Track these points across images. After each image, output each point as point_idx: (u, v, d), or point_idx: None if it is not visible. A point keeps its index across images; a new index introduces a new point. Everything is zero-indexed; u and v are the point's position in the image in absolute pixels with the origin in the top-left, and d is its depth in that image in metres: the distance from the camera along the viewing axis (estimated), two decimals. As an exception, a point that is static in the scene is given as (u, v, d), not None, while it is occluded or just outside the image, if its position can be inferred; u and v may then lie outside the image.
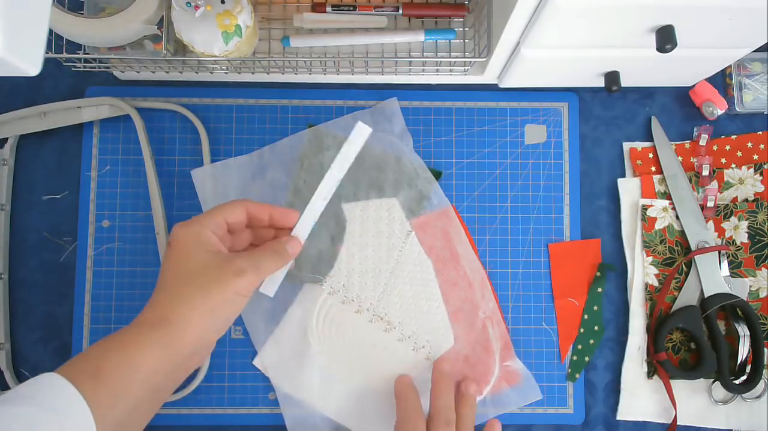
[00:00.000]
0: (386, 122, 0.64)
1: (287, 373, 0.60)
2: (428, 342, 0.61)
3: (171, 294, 0.45)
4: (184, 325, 0.43)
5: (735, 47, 0.53)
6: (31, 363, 0.62)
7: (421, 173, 0.63)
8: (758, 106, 0.64)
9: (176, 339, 0.43)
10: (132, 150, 0.63)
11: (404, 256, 0.62)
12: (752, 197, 0.63)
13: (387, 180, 0.62)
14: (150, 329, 0.43)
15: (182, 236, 0.46)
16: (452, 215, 0.63)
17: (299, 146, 0.63)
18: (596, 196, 0.65)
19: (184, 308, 0.44)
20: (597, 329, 0.63)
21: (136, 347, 0.42)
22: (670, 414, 0.61)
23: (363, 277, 0.62)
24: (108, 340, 0.43)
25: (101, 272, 0.62)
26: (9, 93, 0.64)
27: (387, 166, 0.63)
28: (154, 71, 0.61)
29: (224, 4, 0.52)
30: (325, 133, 0.63)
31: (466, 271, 0.62)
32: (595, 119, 0.66)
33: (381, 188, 0.62)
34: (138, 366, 0.41)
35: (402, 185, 0.62)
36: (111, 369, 0.40)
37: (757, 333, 0.60)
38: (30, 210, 0.63)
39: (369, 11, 0.60)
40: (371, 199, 0.62)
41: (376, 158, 0.62)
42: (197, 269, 0.45)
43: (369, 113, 0.64)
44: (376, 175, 0.62)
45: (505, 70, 0.59)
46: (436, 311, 0.61)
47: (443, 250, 0.62)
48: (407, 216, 0.62)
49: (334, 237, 0.62)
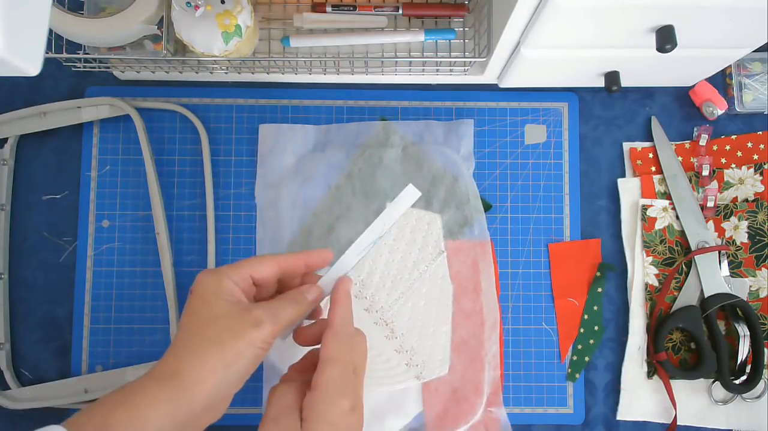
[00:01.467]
0: (455, 140, 0.63)
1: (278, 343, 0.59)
2: (423, 362, 0.60)
3: (184, 346, 0.42)
4: (195, 380, 0.41)
5: (735, 47, 0.53)
6: (31, 363, 0.62)
7: (472, 200, 0.62)
8: (758, 106, 0.64)
9: (186, 396, 0.41)
10: (132, 150, 0.63)
11: (429, 273, 0.61)
12: (752, 197, 0.63)
13: (437, 195, 0.62)
14: (160, 383, 0.41)
15: (203, 283, 0.44)
16: (488, 250, 0.62)
17: (366, 133, 0.63)
18: (596, 196, 0.65)
19: (196, 362, 0.41)
20: (597, 329, 0.63)
21: (144, 402, 0.40)
22: (670, 414, 0.61)
23: (383, 279, 0.61)
24: (119, 393, 0.41)
25: (101, 272, 0.62)
26: (9, 93, 0.64)
27: (442, 182, 0.62)
28: (154, 71, 0.61)
29: (224, 4, 0.52)
30: (394, 130, 0.63)
31: (483, 307, 0.61)
32: (595, 119, 0.66)
33: (429, 201, 0.62)
34: (144, 424, 0.39)
35: (450, 205, 0.62)
36: (117, 425, 0.38)
37: (757, 333, 0.60)
38: (30, 210, 0.63)
39: (369, 11, 0.60)
40: (417, 207, 0.62)
41: (434, 171, 0.62)
42: (212, 319, 0.43)
43: (442, 125, 0.64)
44: (428, 187, 0.62)
45: (505, 70, 0.59)
46: (441, 336, 0.61)
47: (468, 280, 0.62)
48: (445, 236, 0.62)
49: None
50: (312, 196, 0.62)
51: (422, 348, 0.60)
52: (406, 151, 0.63)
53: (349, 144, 0.63)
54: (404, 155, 0.62)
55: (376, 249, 0.61)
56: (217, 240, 0.62)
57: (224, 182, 0.63)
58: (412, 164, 0.62)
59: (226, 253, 0.63)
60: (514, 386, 0.62)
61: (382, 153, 0.62)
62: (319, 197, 0.62)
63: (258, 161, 0.63)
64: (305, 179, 0.62)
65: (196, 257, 0.63)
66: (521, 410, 0.62)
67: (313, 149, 0.63)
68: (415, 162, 0.62)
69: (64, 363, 0.62)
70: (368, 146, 0.63)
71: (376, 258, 0.61)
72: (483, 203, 0.63)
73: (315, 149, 0.63)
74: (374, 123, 0.64)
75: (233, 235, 0.63)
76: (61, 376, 0.61)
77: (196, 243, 0.63)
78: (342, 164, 0.62)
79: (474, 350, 0.60)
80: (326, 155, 0.63)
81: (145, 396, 0.40)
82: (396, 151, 0.62)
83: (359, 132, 0.63)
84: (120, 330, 0.62)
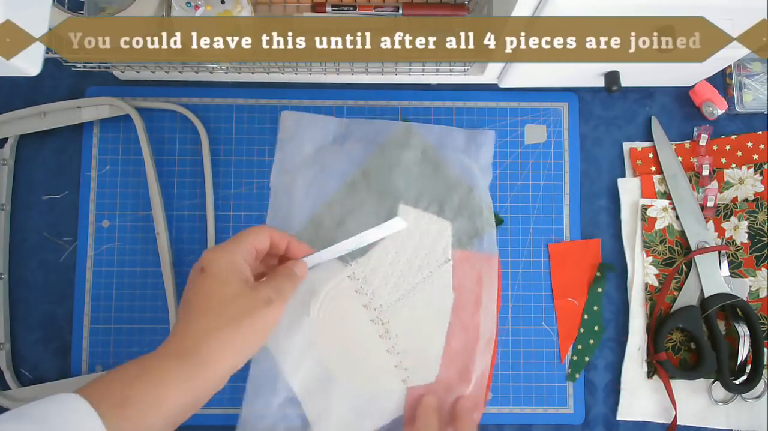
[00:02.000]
0: (475, 149, 0.63)
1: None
2: (412, 367, 0.60)
3: (200, 325, 0.43)
4: (214, 360, 0.42)
5: (735, 47, 0.53)
6: (31, 363, 0.62)
7: (485, 213, 0.62)
8: (758, 106, 0.64)
9: (204, 374, 0.42)
10: (132, 150, 0.63)
11: (432, 279, 0.61)
12: (752, 197, 0.63)
13: (450, 203, 0.62)
14: (178, 361, 0.42)
15: (216, 263, 0.45)
16: (494, 265, 0.62)
17: (387, 132, 0.63)
18: (596, 196, 0.65)
19: (215, 342, 0.43)
20: (597, 329, 0.63)
21: (163, 378, 0.41)
22: (670, 414, 0.61)
23: (386, 278, 0.61)
24: (133, 366, 0.41)
25: (101, 272, 0.62)
26: (9, 93, 0.64)
27: (456, 190, 0.62)
28: (154, 71, 0.61)
29: (224, 4, 0.52)
30: (415, 132, 0.62)
31: (480, 322, 0.60)
32: (595, 119, 0.66)
33: (442, 208, 0.62)
34: (163, 400, 0.40)
35: (462, 215, 0.62)
36: (137, 400, 0.39)
37: (757, 333, 0.60)
38: (30, 210, 0.63)
39: (369, 11, 0.60)
40: (429, 212, 0.62)
41: (450, 178, 0.62)
42: (229, 299, 0.44)
43: (464, 132, 0.63)
44: (443, 193, 0.62)
45: (505, 70, 0.59)
46: (433, 345, 0.60)
47: (469, 293, 0.61)
48: (453, 244, 0.61)
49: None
50: (326, 187, 0.62)
51: (413, 353, 0.60)
52: (425, 154, 0.62)
53: (368, 141, 0.63)
54: (423, 158, 0.62)
55: (384, 248, 0.61)
56: (217, 240, 0.62)
57: (224, 182, 0.63)
58: (430, 168, 0.62)
59: (226, 253, 0.63)
60: (514, 386, 0.62)
61: (401, 154, 0.62)
62: (333, 190, 0.62)
63: (277, 146, 0.63)
64: (321, 169, 0.62)
65: (196, 257, 0.62)
66: (521, 410, 0.62)
67: (332, 141, 0.63)
68: (433, 167, 0.62)
69: (64, 363, 0.62)
70: (388, 144, 0.62)
71: (382, 257, 0.61)
72: (496, 217, 0.63)
73: (335, 142, 0.63)
74: (396, 123, 0.63)
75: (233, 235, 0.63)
76: (61, 376, 0.61)
77: (196, 243, 0.63)
78: (360, 159, 0.62)
79: (464, 364, 0.60)
80: (345, 148, 0.62)
81: (163, 371, 0.41)
82: (415, 153, 0.62)
83: (379, 130, 0.63)
84: (120, 330, 0.62)
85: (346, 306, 0.60)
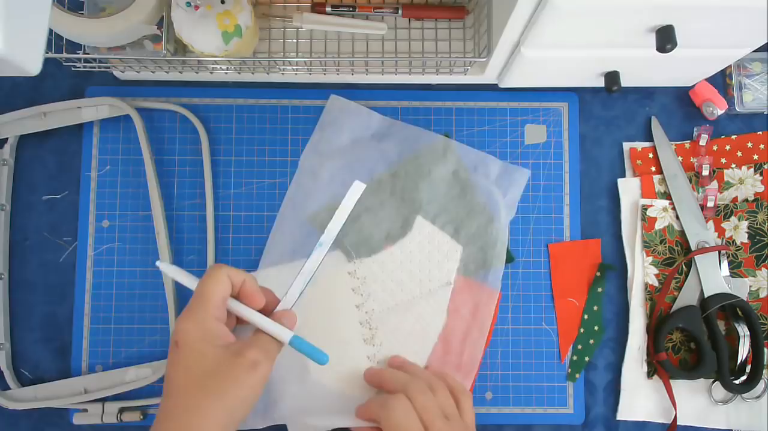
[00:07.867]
0: (507, 183, 0.63)
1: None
2: None
3: (183, 403, 0.41)
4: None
5: (735, 47, 0.53)
6: (31, 363, 0.62)
7: (498, 247, 0.61)
8: (758, 106, 0.65)
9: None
10: (132, 150, 0.63)
11: (429, 297, 0.61)
12: (752, 197, 0.63)
13: (467, 228, 0.61)
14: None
15: (190, 335, 0.43)
16: (493, 301, 0.61)
17: (425, 142, 0.63)
18: (596, 196, 0.65)
19: (196, 419, 0.41)
20: (597, 329, 0.63)
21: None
22: (670, 414, 0.61)
23: (385, 284, 0.61)
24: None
25: (101, 272, 0.62)
26: (9, 93, 0.64)
27: (476, 218, 0.61)
28: (154, 71, 0.61)
29: (224, 4, 0.52)
30: (453, 150, 0.62)
31: (464, 354, 0.60)
32: (595, 119, 0.66)
33: (458, 231, 0.62)
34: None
35: (475, 243, 0.61)
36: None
37: (757, 333, 0.60)
38: (30, 210, 0.63)
39: (369, 12, 0.60)
40: (444, 231, 0.61)
41: (474, 204, 0.62)
42: (209, 371, 0.42)
43: (499, 164, 0.63)
44: (462, 217, 0.62)
45: (505, 70, 0.59)
46: (414, 361, 0.59)
47: (462, 321, 0.61)
48: (459, 270, 0.61)
49: (391, 236, 0.61)
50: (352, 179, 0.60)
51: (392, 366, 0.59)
52: (456, 174, 0.62)
53: (405, 145, 0.62)
54: (454, 177, 0.62)
55: (391, 254, 0.61)
56: (217, 240, 0.62)
57: (224, 182, 0.63)
58: (457, 188, 0.62)
59: (226, 253, 0.63)
60: (514, 386, 0.62)
61: (434, 167, 0.62)
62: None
63: (317, 126, 0.63)
64: (353, 160, 0.62)
65: (196, 257, 0.63)
66: (521, 410, 0.62)
67: (371, 137, 0.63)
68: (461, 188, 0.62)
69: (64, 363, 0.62)
70: (423, 154, 0.62)
71: (388, 262, 0.61)
72: (508, 254, 0.62)
73: (373, 137, 0.63)
74: (437, 135, 0.63)
75: (233, 235, 0.63)
76: (61, 376, 0.61)
77: (196, 243, 0.63)
78: (392, 161, 0.62)
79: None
80: (381, 146, 0.62)
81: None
82: (447, 170, 0.62)
83: (418, 138, 0.63)
84: (120, 330, 0.62)
85: (338, 303, 0.60)
